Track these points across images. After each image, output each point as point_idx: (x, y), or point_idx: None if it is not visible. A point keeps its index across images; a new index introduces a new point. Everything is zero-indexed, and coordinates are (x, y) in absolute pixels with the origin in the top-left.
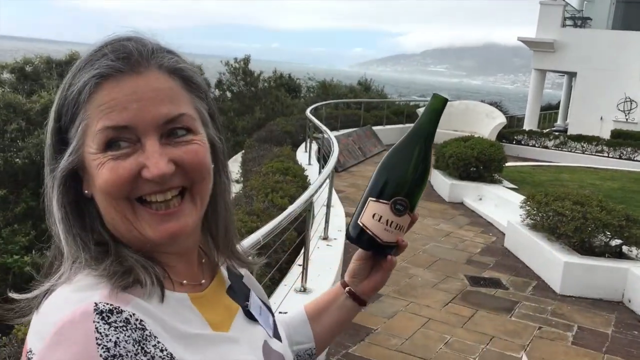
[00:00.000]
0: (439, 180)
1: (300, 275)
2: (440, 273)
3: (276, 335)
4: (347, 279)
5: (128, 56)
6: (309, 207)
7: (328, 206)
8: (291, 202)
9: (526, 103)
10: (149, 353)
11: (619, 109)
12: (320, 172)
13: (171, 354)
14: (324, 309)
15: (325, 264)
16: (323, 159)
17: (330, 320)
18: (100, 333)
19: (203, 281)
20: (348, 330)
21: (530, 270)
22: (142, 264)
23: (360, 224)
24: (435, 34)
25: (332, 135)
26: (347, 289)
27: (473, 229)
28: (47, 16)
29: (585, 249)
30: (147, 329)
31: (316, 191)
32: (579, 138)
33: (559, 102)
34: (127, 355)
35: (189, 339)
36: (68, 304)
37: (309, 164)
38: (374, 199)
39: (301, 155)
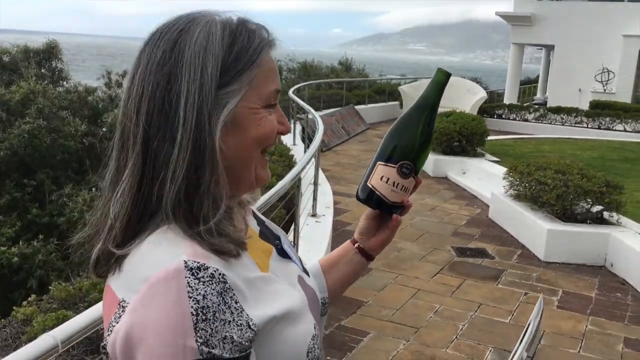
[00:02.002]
0: None
1: None
2: (427, 246)
3: (305, 271)
4: (357, 236)
5: (270, 34)
6: (297, 184)
7: (315, 184)
8: (278, 181)
9: (506, 78)
10: (227, 304)
11: (597, 80)
12: (305, 152)
13: (242, 307)
14: (335, 263)
15: (315, 239)
16: (308, 138)
17: (341, 273)
18: (191, 287)
19: (243, 227)
20: (340, 303)
21: (514, 239)
22: (235, 236)
23: (370, 186)
24: (414, 12)
25: (316, 114)
26: (356, 245)
27: (458, 202)
28: (50, 9)
29: (568, 216)
30: (227, 282)
31: (304, 167)
32: (558, 110)
33: (538, 76)
34: (212, 306)
35: (251, 283)
36: (158, 262)
37: (294, 144)
38: (382, 162)
39: (285, 136)
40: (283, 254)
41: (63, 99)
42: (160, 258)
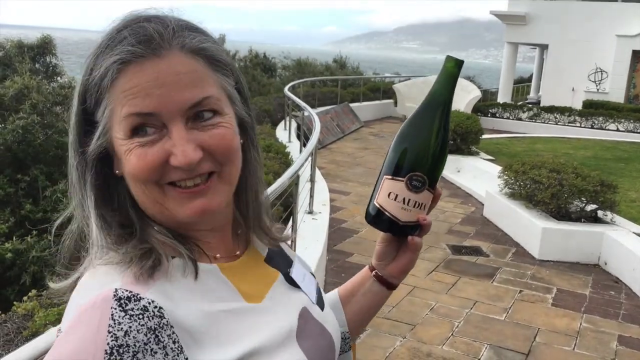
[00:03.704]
0: None
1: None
2: (423, 243)
3: (319, 303)
4: (374, 262)
5: (149, 39)
6: (296, 181)
7: (312, 181)
8: (276, 178)
9: (499, 77)
10: (162, 342)
11: (590, 80)
12: (301, 150)
13: (181, 347)
14: (352, 294)
15: (312, 236)
16: (304, 136)
17: (359, 305)
18: (114, 320)
19: (238, 252)
20: None
21: (509, 237)
22: (169, 243)
23: (377, 205)
24: (407, 10)
25: (312, 111)
26: (374, 272)
27: (453, 200)
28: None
29: (562, 214)
30: (164, 317)
31: (302, 164)
32: (551, 109)
33: (531, 75)
34: (134, 345)
35: (215, 317)
36: (91, 289)
37: (290, 141)
38: (389, 176)
39: (281, 133)
40: (291, 281)
41: (57, 94)
42: (95, 285)
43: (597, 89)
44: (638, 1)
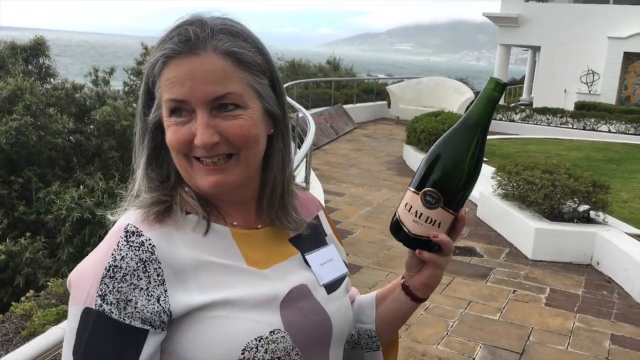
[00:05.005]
0: (411, 155)
1: None
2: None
3: (329, 288)
4: (405, 271)
5: (188, 40)
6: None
7: (307, 182)
8: None
9: None
10: (148, 272)
11: (582, 81)
12: (295, 151)
13: (164, 280)
14: (384, 297)
15: None
16: (299, 137)
17: (385, 309)
18: (118, 246)
19: (259, 226)
20: None
21: (502, 238)
22: (190, 202)
23: (397, 214)
24: (401, 12)
25: (307, 112)
26: (402, 281)
27: None
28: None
29: (555, 215)
30: (155, 254)
31: (298, 165)
32: (544, 110)
33: (524, 77)
34: (125, 268)
35: (207, 265)
36: (118, 222)
37: None
38: (412, 188)
39: None
40: (307, 262)
41: (50, 95)
42: (121, 219)
43: (589, 91)
44: (630, 3)
